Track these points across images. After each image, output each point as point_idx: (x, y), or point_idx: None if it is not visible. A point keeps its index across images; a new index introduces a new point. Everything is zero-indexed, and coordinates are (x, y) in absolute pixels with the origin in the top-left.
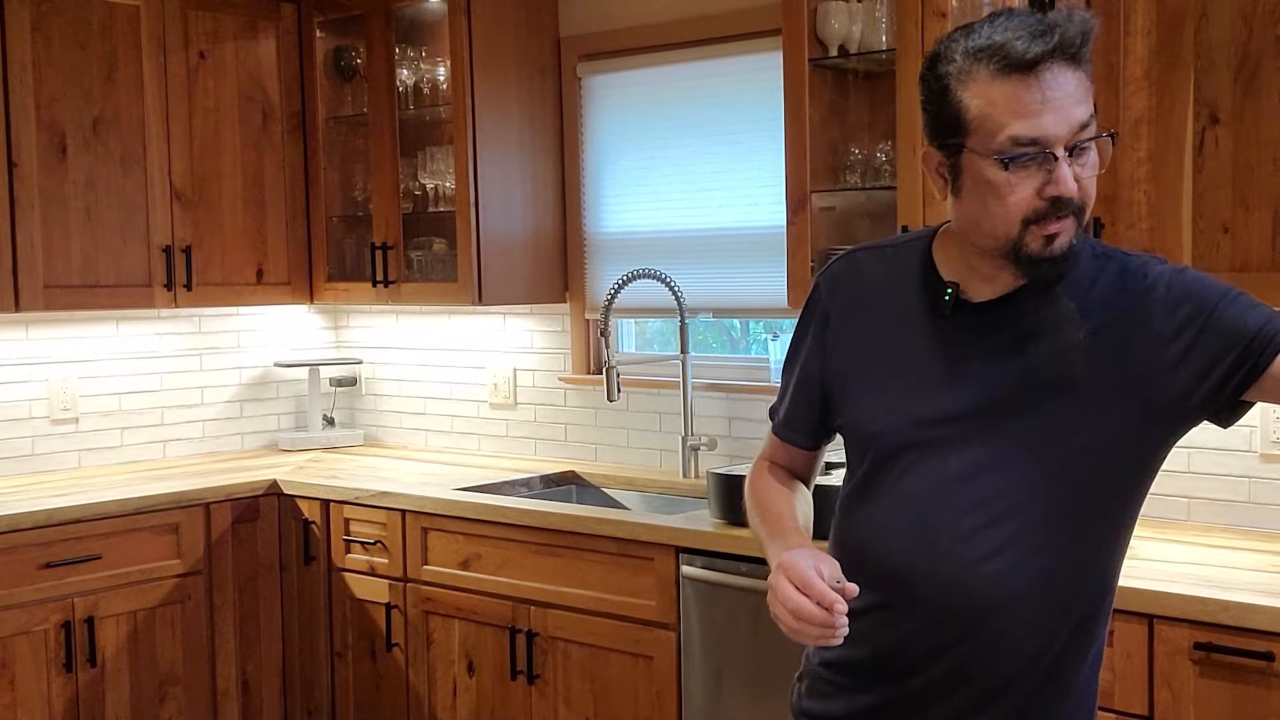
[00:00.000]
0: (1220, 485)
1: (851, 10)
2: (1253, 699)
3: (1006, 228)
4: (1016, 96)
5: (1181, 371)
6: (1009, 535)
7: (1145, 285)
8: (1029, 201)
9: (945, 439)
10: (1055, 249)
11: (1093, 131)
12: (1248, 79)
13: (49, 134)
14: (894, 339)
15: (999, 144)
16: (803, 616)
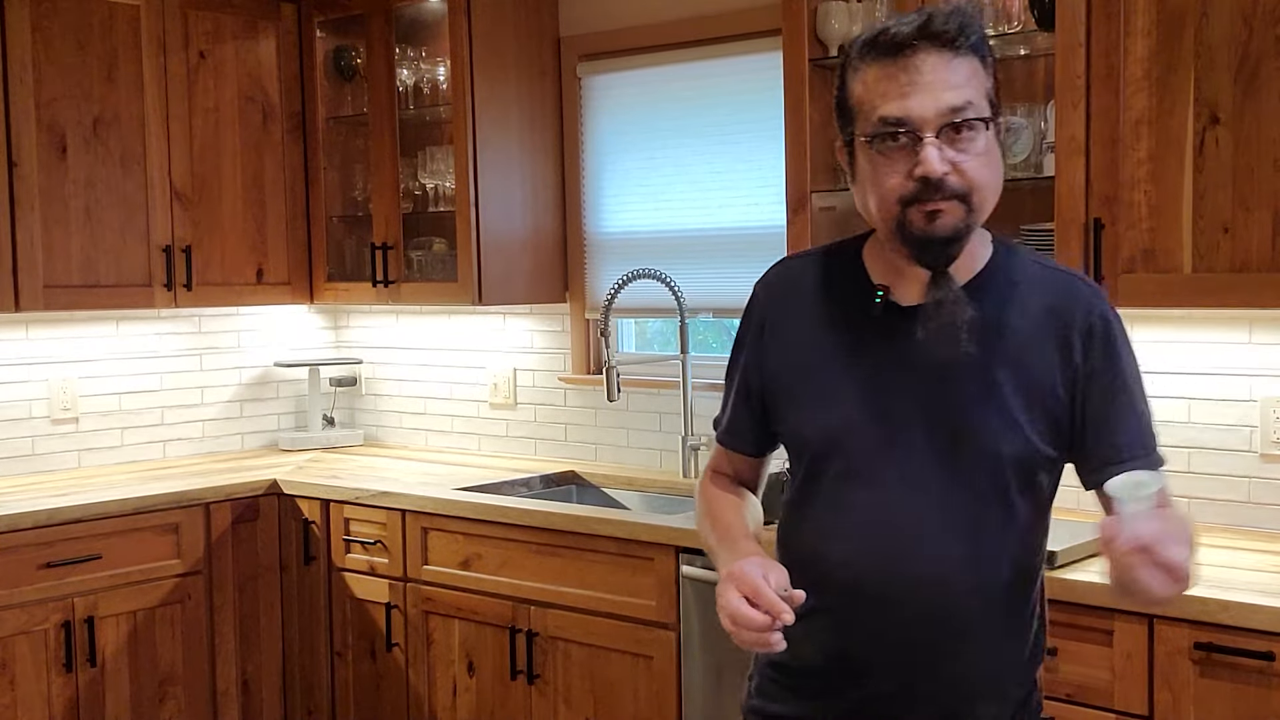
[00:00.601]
0: (1220, 485)
1: (851, 10)
2: (1253, 699)
3: (886, 209)
4: (887, 79)
5: (1070, 409)
6: (946, 536)
7: (1078, 308)
8: (902, 183)
9: (880, 442)
10: (938, 228)
11: (970, 114)
12: (1248, 79)
13: (49, 134)
14: (826, 344)
15: (871, 126)
16: (743, 623)
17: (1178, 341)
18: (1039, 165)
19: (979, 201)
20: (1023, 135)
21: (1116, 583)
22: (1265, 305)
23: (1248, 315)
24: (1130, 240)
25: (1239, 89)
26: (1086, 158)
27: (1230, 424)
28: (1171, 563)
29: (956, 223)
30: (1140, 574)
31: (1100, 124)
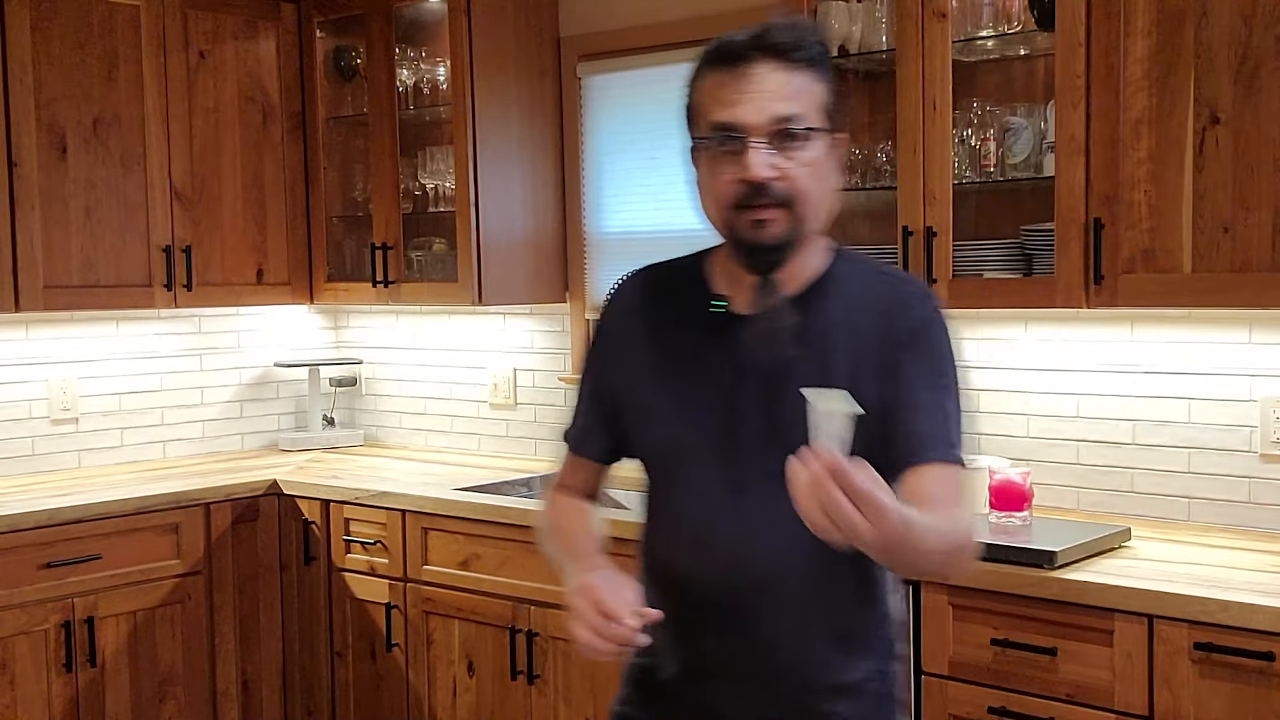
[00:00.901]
0: (1220, 485)
1: (851, 10)
2: (1253, 699)
3: (718, 213)
4: (721, 86)
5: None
6: (779, 542)
7: (905, 308)
8: (730, 187)
9: (716, 450)
10: (765, 236)
11: (798, 124)
12: (1248, 79)
13: (49, 134)
14: (669, 353)
15: (702, 130)
16: (589, 635)
17: (1178, 341)
18: (1039, 165)
19: (804, 210)
20: (1023, 135)
21: (806, 512)
22: (1265, 305)
23: (1248, 315)
24: (1130, 240)
25: (1239, 89)
26: (1086, 158)
27: (1230, 424)
28: (861, 490)
29: (783, 231)
30: (827, 494)
31: (1100, 124)
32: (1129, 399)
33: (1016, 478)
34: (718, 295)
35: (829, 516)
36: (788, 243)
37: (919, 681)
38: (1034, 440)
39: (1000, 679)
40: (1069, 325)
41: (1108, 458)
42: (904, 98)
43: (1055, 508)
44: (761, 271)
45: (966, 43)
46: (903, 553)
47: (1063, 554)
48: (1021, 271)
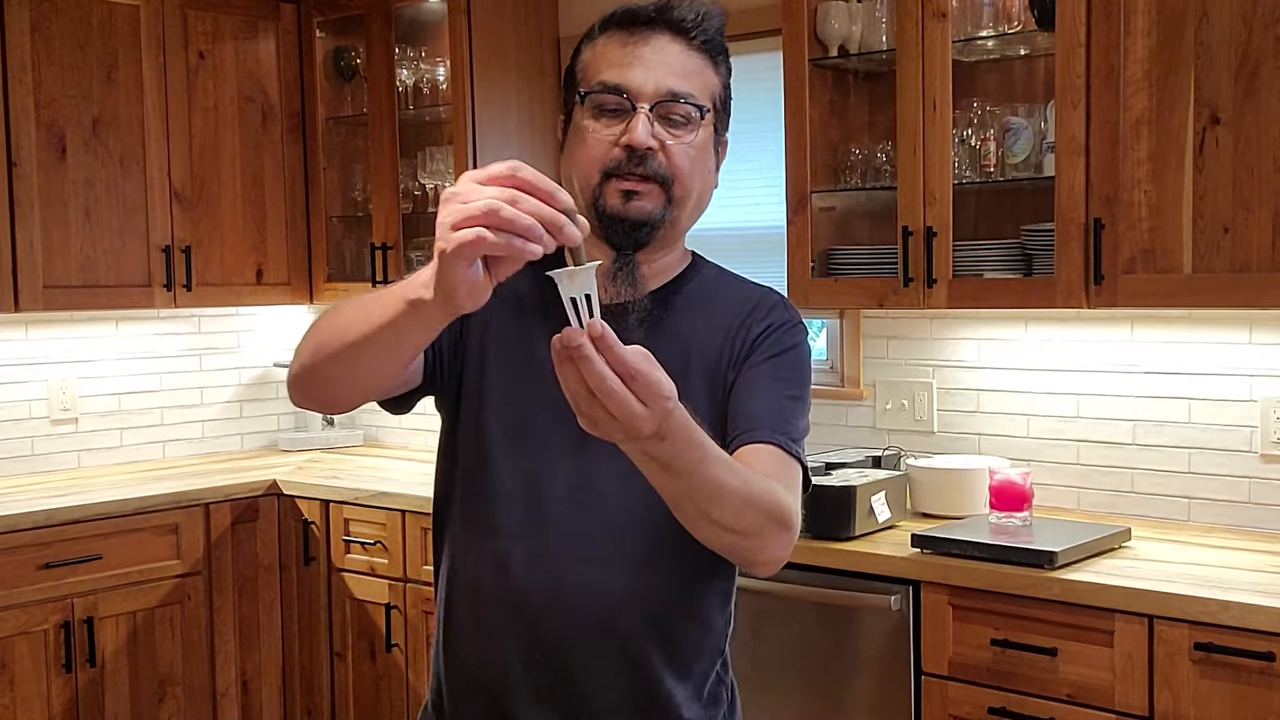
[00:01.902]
0: (1220, 485)
1: (852, 10)
2: (1253, 699)
3: (588, 176)
4: (616, 49)
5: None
6: (628, 550)
7: (762, 314)
8: (608, 149)
9: (562, 444)
10: (633, 210)
11: (688, 105)
12: (1248, 79)
13: (48, 134)
14: (517, 338)
15: (589, 86)
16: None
17: (1178, 342)
18: (1039, 165)
19: (680, 194)
20: (1023, 135)
21: (571, 395)
22: (1265, 305)
23: (1248, 315)
24: (1130, 240)
25: (1239, 89)
26: (1086, 158)
27: (1230, 424)
28: (631, 364)
29: (653, 209)
30: (593, 369)
31: (1100, 124)
32: (1129, 399)
33: (1017, 478)
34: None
35: (599, 397)
36: (655, 223)
37: (919, 682)
38: (1034, 440)
39: (1000, 679)
40: (1069, 325)
41: (1108, 458)
42: (904, 98)
43: (1056, 508)
44: (622, 248)
45: (967, 43)
46: (693, 477)
47: (1063, 554)
48: (1021, 271)
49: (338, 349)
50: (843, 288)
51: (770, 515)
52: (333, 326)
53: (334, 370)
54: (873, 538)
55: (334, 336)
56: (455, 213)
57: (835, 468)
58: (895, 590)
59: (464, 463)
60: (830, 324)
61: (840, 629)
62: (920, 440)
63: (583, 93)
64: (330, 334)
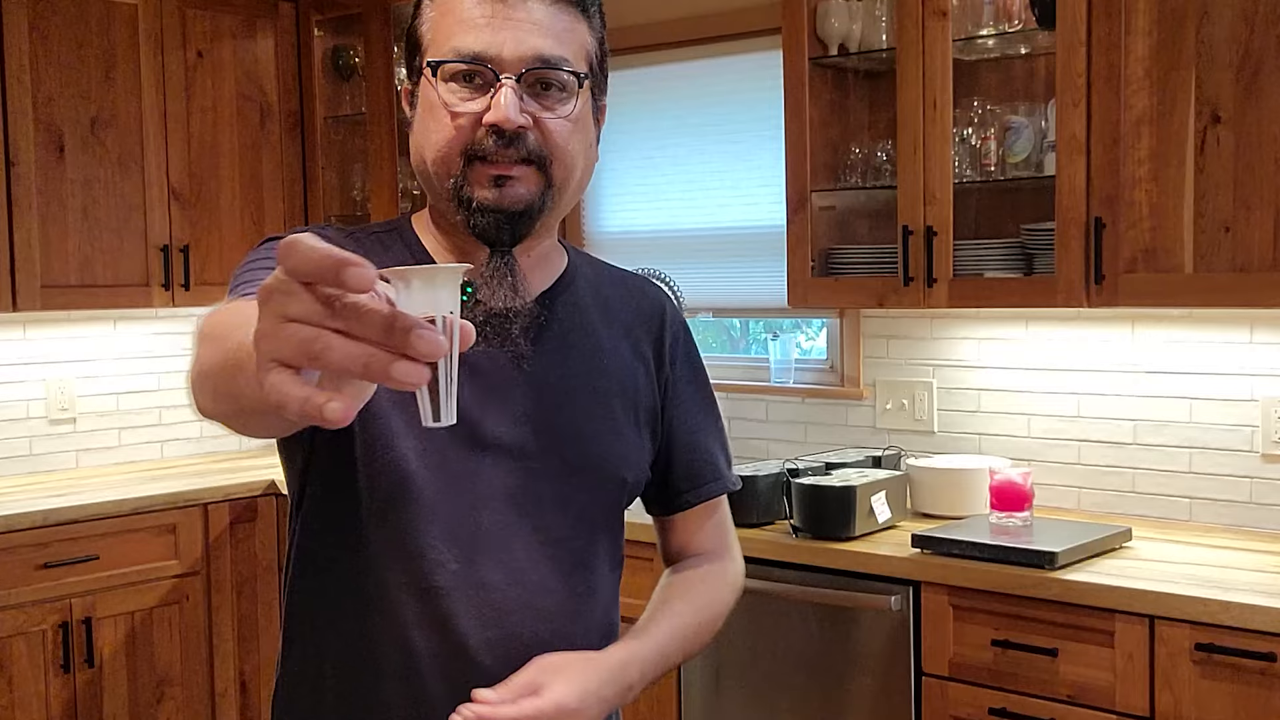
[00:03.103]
0: (1221, 485)
1: (851, 9)
2: (1254, 700)
3: (446, 162)
4: (473, 8)
5: (662, 423)
6: (577, 583)
7: (659, 311)
8: (470, 129)
9: (467, 477)
10: (507, 199)
11: (562, 72)
12: (1249, 78)
13: (47, 133)
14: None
15: (441, 55)
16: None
17: (1179, 341)
18: (1039, 164)
19: (560, 175)
20: (1023, 134)
21: None
22: (1266, 305)
23: (1249, 315)
24: (1131, 240)
25: (1240, 88)
26: (1087, 157)
27: (1231, 424)
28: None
29: (530, 195)
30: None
31: (1101, 123)
32: (1130, 399)
33: (1017, 478)
34: (466, 279)
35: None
36: (534, 212)
37: (919, 682)
38: (1035, 440)
39: (1001, 680)
40: (1070, 325)
41: (1109, 458)
42: (904, 96)
43: (1056, 508)
44: (497, 244)
45: (967, 41)
46: (669, 666)
47: (1064, 554)
48: (1022, 271)
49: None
50: (843, 287)
51: (726, 612)
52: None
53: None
54: (873, 538)
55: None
56: (275, 343)
57: (835, 468)
58: (895, 590)
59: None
60: (830, 324)
61: (840, 629)
62: (920, 440)
63: (434, 64)
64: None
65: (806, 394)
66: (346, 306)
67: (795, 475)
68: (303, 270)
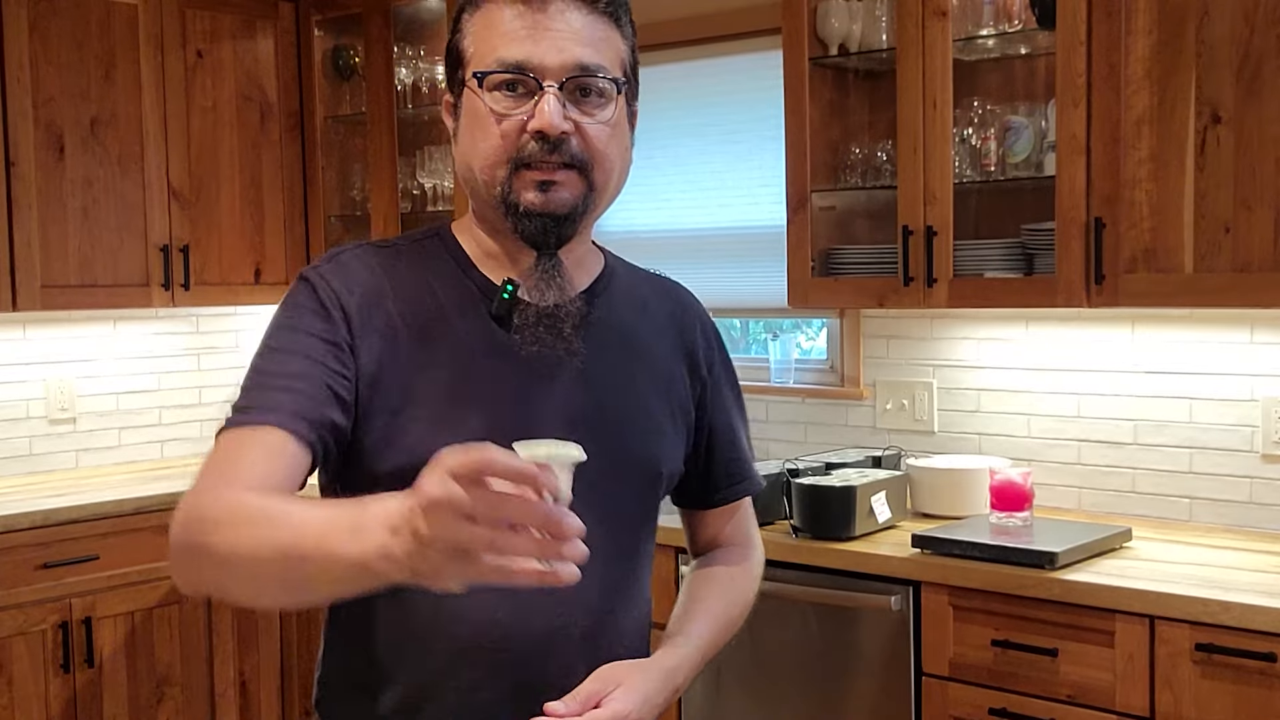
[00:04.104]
0: (1222, 486)
1: (852, 9)
2: (1254, 700)
3: (494, 168)
4: (513, 20)
5: (699, 422)
6: (620, 572)
7: (694, 314)
8: (516, 136)
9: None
10: (553, 204)
11: (601, 80)
12: (1250, 78)
13: (46, 133)
14: (435, 346)
15: (485, 67)
16: (516, 513)
17: (1179, 341)
18: (1039, 164)
19: (601, 179)
20: (1023, 134)
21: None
22: (1267, 305)
23: (1249, 315)
24: (1131, 240)
25: (1241, 88)
26: (1087, 157)
27: (1231, 424)
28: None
29: (574, 199)
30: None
31: (1101, 123)
32: (1130, 399)
33: (1017, 478)
34: (506, 280)
35: None
36: (578, 215)
37: (919, 683)
38: (1035, 440)
39: (1001, 680)
40: (1070, 325)
41: (1109, 458)
42: (904, 97)
43: (1056, 508)
44: (544, 247)
45: (967, 41)
46: (711, 654)
47: (1064, 555)
48: (1022, 271)
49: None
50: (843, 287)
51: (753, 600)
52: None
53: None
54: (873, 538)
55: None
56: (454, 538)
57: (835, 468)
58: (895, 590)
59: None
60: (830, 324)
61: (840, 629)
62: (920, 440)
63: (480, 74)
64: (237, 579)
65: (806, 394)
66: (513, 506)
67: (795, 475)
68: (506, 476)
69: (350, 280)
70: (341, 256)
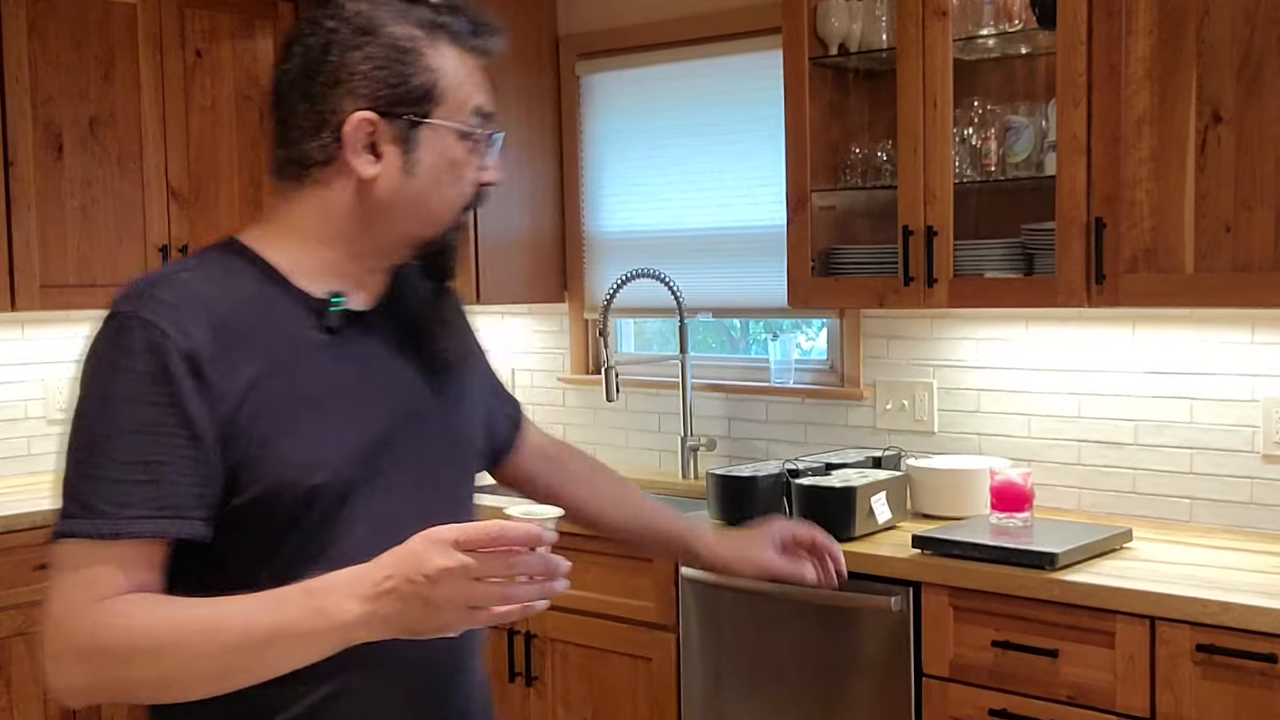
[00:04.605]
0: (1222, 486)
1: (852, 9)
2: (1255, 701)
3: (451, 213)
4: (477, 72)
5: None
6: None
7: (459, 301)
8: (472, 187)
9: (387, 468)
10: (460, 239)
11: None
12: (1250, 78)
13: (45, 133)
14: (287, 371)
15: (467, 115)
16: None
17: (1179, 341)
18: (1040, 164)
19: None
20: (1024, 134)
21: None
22: (1267, 305)
23: (1250, 315)
24: (1132, 239)
25: (1241, 87)
26: (1088, 157)
27: (1232, 424)
28: None
29: None
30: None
31: (1102, 123)
32: (1131, 399)
33: (1017, 478)
34: (331, 292)
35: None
36: None
37: (919, 683)
38: (1035, 440)
39: (1001, 681)
40: (1070, 325)
41: (1109, 458)
42: (904, 96)
43: (1056, 508)
44: (447, 275)
45: (967, 41)
46: None
47: (1064, 555)
48: (1022, 271)
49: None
50: (843, 287)
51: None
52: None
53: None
54: (873, 538)
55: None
56: (468, 597)
57: (835, 468)
58: (896, 591)
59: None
60: (830, 324)
61: (840, 630)
62: (920, 440)
63: (469, 127)
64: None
65: (806, 394)
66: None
67: (795, 475)
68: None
69: (184, 319)
70: (159, 292)
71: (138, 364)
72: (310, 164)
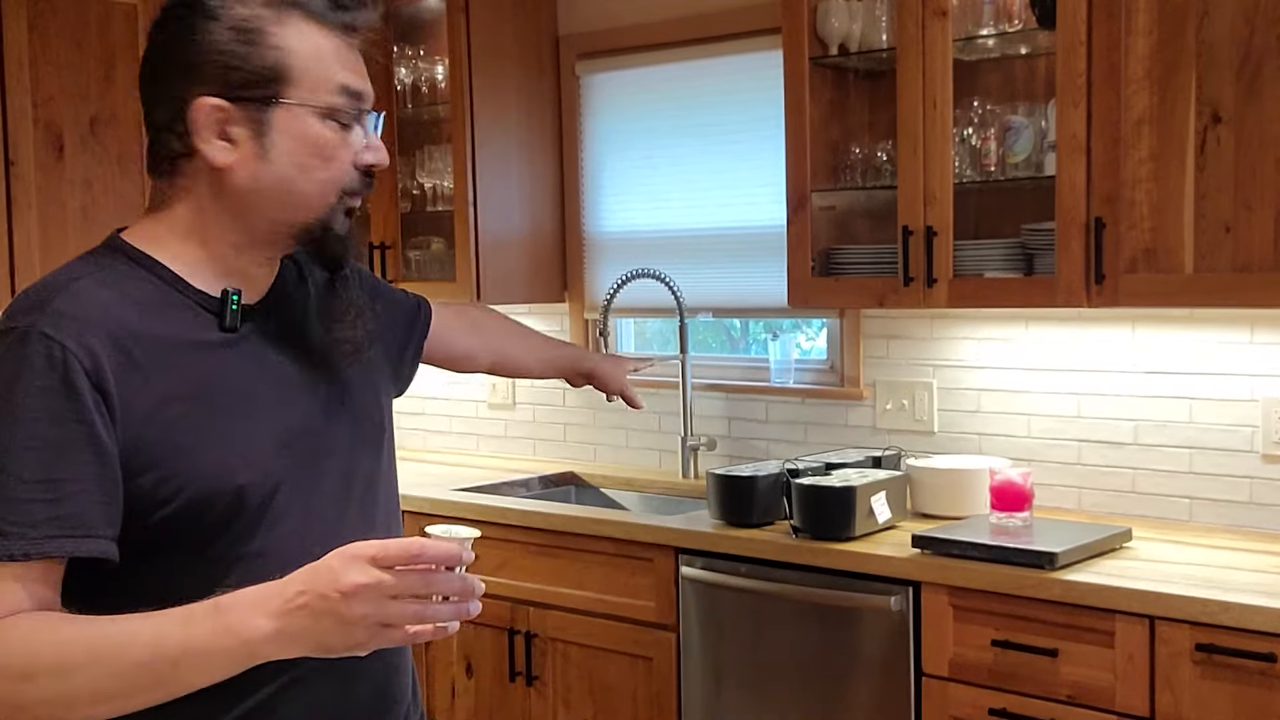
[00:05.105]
0: (1222, 486)
1: (852, 9)
2: (1254, 700)
3: (324, 197)
4: (343, 49)
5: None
6: (384, 515)
7: (367, 276)
8: (347, 169)
9: (308, 458)
10: (349, 225)
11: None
12: (1250, 78)
13: (46, 133)
14: (195, 377)
15: (330, 94)
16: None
17: (1179, 341)
18: (1040, 164)
19: None
20: (1024, 134)
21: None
22: (1267, 305)
23: (1249, 315)
24: (1131, 240)
25: (1241, 88)
26: (1088, 157)
27: (1232, 424)
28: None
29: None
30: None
31: (1101, 123)
32: (1130, 399)
33: (1017, 478)
34: (227, 290)
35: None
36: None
37: (919, 683)
38: (1035, 440)
39: (1001, 680)
40: (1070, 325)
41: (1109, 458)
42: (904, 96)
43: (1056, 508)
44: (342, 263)
45: (967, 41)
46: None
47: (1064, 555)
48: (1022, 271)
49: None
50: (843, 287)
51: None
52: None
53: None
54: (873, 538)
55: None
56: (383, 615)
57: (835, 468)
58: (895, 591)
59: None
60: (830, 324)
61: (840, 630)
62: (920, 440)
63: (330, 107)
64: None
65: (806, 394)
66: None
67: (795, 475)
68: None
69: (85, 331)
70: (58, 305)
71: (39, 380)
72: (174, 155)
